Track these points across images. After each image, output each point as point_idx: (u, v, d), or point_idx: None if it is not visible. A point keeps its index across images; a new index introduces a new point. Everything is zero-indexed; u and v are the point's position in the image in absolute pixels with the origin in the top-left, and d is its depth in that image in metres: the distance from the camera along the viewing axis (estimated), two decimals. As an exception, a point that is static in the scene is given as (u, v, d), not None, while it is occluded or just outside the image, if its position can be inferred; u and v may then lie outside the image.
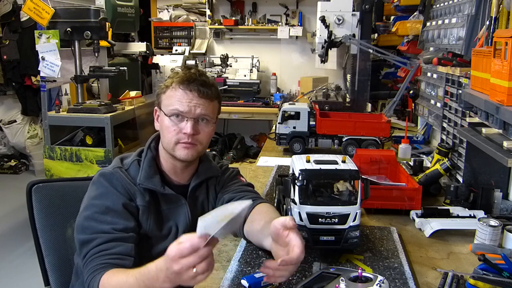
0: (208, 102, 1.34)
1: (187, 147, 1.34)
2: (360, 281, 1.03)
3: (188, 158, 1.36)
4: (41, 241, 1.58)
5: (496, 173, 1.59)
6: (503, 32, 1.35)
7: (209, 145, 5.20)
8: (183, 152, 1.34)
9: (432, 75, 2.38)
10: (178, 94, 1.32)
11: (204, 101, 1.33)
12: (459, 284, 1.13)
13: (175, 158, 1.37)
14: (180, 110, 1.31)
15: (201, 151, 1.38)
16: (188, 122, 1.32)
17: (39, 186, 1.59)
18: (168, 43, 5.34)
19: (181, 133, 1.33)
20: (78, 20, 3.46)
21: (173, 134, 1.33)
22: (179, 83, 1.32)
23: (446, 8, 2.40)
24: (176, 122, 1.33)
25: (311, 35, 5.01)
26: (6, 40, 4.96)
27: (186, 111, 1.31)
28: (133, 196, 1.34)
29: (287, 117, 2.34)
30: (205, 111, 1.33)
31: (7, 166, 5.47)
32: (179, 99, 1.32)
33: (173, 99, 1.33)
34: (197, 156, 1.39)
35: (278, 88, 5.09)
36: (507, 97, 1.28)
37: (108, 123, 3.36)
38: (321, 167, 1.24)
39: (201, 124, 1.35)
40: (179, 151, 1.34)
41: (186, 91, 1.32)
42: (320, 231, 1.22)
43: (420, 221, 1.51)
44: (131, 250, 1.26)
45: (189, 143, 1.33)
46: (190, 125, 1.31)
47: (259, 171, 2.13)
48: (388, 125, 2.33)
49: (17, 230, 3.87)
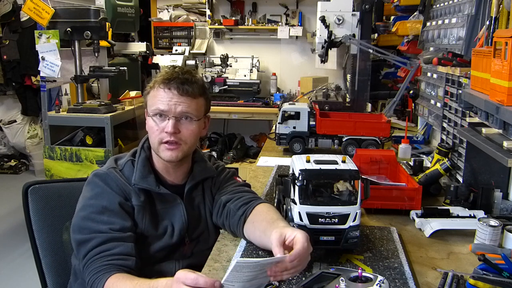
0: (190, 99, 1.32)
1: (170, 148, 1.33)
2: (360, 281, 1.03)
3: (173, 159, 1.35)
4: (37, 243, 1.57)
5: (496, 173, 1.59)
6: (503, 32, 1.35)
7: (209, 145, 5.21)
8: (167, 154, 1.33)
9: (432, 75, 2.37)
10: (159, 94, 1.32)
11: (185, 98, 1.32)
12: (459, 284, 1.13)
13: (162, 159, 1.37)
14: (161, 109, 1.31)
15: (187, 150, 1.36)
16: (169, 120, 1.31)
17: (35, 187, 1.59)
18: (168, 43, 5.34)
19: (163, 133, 1.32)
20: (78, 20, 3.46)
21: (156, 134, 1.33)
22: (160, 82, 1.32)
23: (446, 8, 2.40)
24: (158, 121, 1.33)
25: (311, 35, 5.01)
26: (6, 40, 4.95)
27: (166, 109, 1.31)
28: (128, 196, 1.34)
29: (287, 117, 2.34)
30: (187, 109, 1.32)
31: (7, 166, 5.46)
32: (160, 98, 1.32)
33: (155, 99, 1.33)
34: (183, 156, 1.37)
35: (278, 88, 5.09)
36: (507, 97, 1.28)
37: (108, 123, 3.36)
38: (321, 167, 1.24)
39: (184, 122, 1.33)
40: (163, 152, 1.34)
41: (166, 90, 1.31)
42: (320, 231, 1.22)
43: (420, 221, 1.51)
44: (131, 249, 1.26)
45: (172, 143, 1.32)
46: (170, 124, 1.30)
47: (259, 171, 2.13)
48: (388, 125, 2.33)
49: (17, 231, 3.86)
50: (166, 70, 1.35)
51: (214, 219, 1.46)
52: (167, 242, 1.38)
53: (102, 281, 1.17)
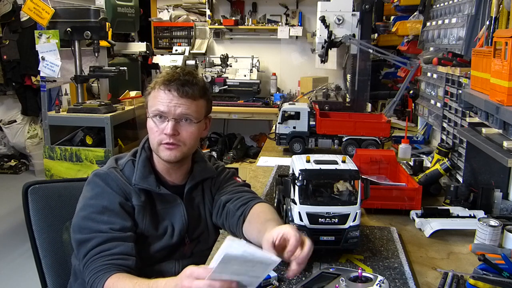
0: (190, 101, 1.32)
1: (169, 148, 1.33)
2: (360, 281, 1.03)
3: (171, 159, 1.34)
4: (37, 243, 1.57)
5: (496, 173, 1.59)
6: (503, 32, 1.35)
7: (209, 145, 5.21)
8: (166, 153, 1.33)
9: (432, 75, 2.38)
10: (159, 95, 1.32)
11: (185, 100, 1.31)
12: (459, 284, 1.13)
13: (161, 159, 1.37)
14: (161, 111, 1.31)
15: (186, 151, 1.36)
16: (169, 122, 1.31)
17: (35, 188, 1.59)
18: (168, 43, 5.34)
19: (162, 134, 1.32)
20: (78, 20, 3.45)
21: (156, 135, 1.33)
22: (161, 83, 1.32)
23: (446, 8, 2.40)
24: (158, 123, 1.32)
25: (311, 35, 5.01)
26: (6, 40, 4.95)
27: (166, 111, 1.30)
28: (128, 196, 1.34)
29: (287, 117, 2.34)
30: (186, 111, 1.31)
31: (7, 166, 5.46)
32: (160, 99, 1.31)
33: (156, 100, 1.32)
34: (182, 156, 1.36)
35: (278, 88, 5.09)
36: (507, 97, 1.28)
37: (108, 123, 3.36)
38: (321, 167, 1.24)
39: (183, 124, 1.33)
40: (162, 152, 1.34)
41: (166, 91, 1.31)
42: (320, 231, 1.22)
43: (420, 221, 1.51)
44: (131, 249, 1.26)
45: (171, 144, 1.32)
46: (170, 126, 1.30)
47: (259, 171, 2.13)
48: (388, 125, 2.33)
49: (17, 231, 3.86)
50: (167, 71, 1.35)
51: (214, 220, 1.46)
52: (167, 242, 1.38)
53: (102, 281, 1.17)
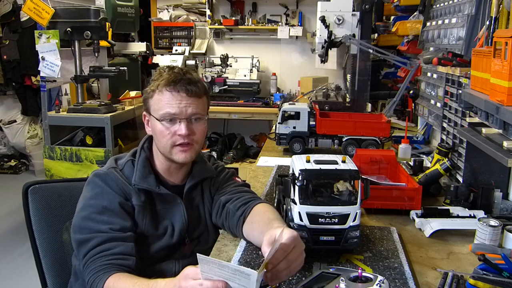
0: (197, 99, 1.33)
1: (184, 150, 1.33)
2: (360, 281, 1.03)
3: (187, 160, 1.36)
4: (37, 243, 1.58)
5: (496, 173, 1.59)
6: (503, 32, 1.35)
7: (209, 145, 5.21)
8: (181, 156, 1.34)
9: (432, 75, 2.37)
10: (166, 97, 1.30)
11: (193, 99, 1.32)
12: (459, 284, 1.13)
13: (173, 161, 1.36)
14: (172, 113, 1.30)
15: (198, 150, 1.38)
16: (181, 123, 1.30)
17: (35, 188, 1.59)
18: (168, 43, 5.34)
19: (175, 136, 1.32)
20: (78, 20, 3.46)
21: (168, 138, 1.32)
22: (165, 85, 1.30)
23: (446, 8, 2.40)
24: (168, 125, 1.32)
25: (311, 35, 5.01)
26: (6, 40, 4.96)
27: (177, 112, 1.30)
28: (128, 196, 1.34)
29: (287, 117, 2.34)
30: (196, 109, 1.32)
31: (7, 166, 5.46)
32: (168, 101, 1.30)
33: (162, 103, 1.31)
34: (195, 155, 1.39)
35: (278, 88, 5.09)
36: (507, 97, 1.28)
37: (108, 123, 3.36)
38: (321, 167, 1.24)
39: (194, 123, 1.34)
40: (177, 155, 1.34)
41: (174, 93, 1.30)
42: (320, 231, 1.22)
43: (420, 221, 1.51)
44: (131, 249, 1.26)
45: (186, 144, 1.33)
46: (184, 126, 1.30)
47: (259, 171, 2.13)
48: (388, 125, 2.33)
49: (17, 231, 3.86)
50: (167, 72, 1.33)
51: (214, 220, 1.46)
52: (167, 242, 1.38)
53: (102, 281, 1.17)
